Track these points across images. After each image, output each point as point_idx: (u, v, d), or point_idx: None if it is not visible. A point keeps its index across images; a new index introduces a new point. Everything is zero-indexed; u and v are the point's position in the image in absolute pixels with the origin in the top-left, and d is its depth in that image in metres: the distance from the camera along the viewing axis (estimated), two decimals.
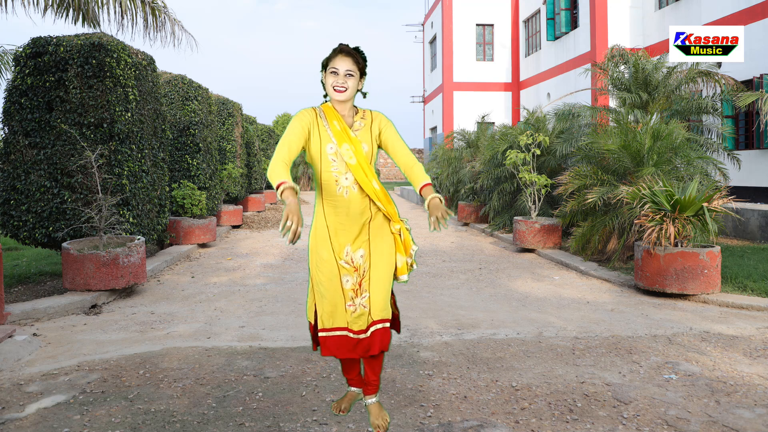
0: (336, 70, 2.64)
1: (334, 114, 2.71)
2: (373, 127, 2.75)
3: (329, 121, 2.70)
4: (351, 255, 2.69)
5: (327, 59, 2.68)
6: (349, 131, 2.69)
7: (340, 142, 2.67)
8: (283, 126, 38.30)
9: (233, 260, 8.53)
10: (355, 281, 2.68)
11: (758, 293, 5.87)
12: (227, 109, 12.82)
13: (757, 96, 8.41)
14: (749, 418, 3.11)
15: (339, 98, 2.66)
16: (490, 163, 11.67)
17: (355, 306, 2.67)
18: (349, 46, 2.69)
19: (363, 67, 2.71)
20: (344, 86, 2.64)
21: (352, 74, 2.65)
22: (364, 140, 2.71)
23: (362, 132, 2.73)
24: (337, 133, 2.68)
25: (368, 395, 2.83)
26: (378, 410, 2.81)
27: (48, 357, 4.14)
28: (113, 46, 6.52)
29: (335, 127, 2.69)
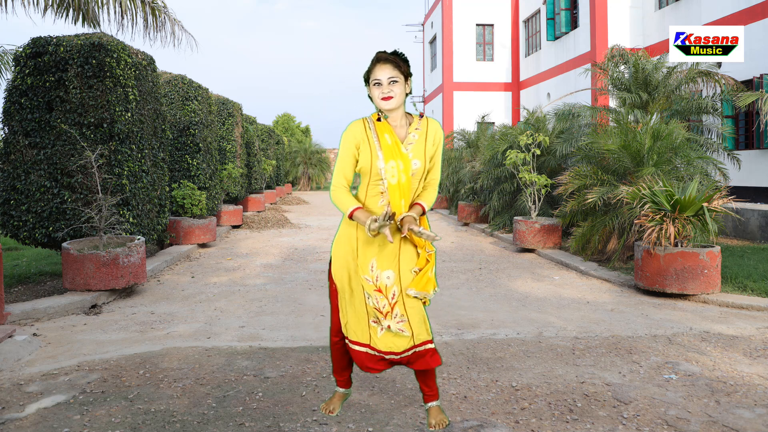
0: (379, 81, 2.55)
1: (385, 126, 2.61)
2: (428, 140, 2.64)
3: (379, 135, 2.60)
4: (377, 273, 2.61)
5: (368, 72, 2.60)
6: (400, 146, 2.59)
7: (387, 158, 2.57)
8: (283, 126, 38.30)
9: (233, 260, 8.53)
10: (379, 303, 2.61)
11: (758, 293, 5.87)
12: (227, 109, 12.81)
13: (757, 96, 8.41)
14: (749, 418, 3.12)
15: (388, 107, 2.56)
16: (490, 163, 11.67)
17: (382, 326, 2.62)
18: (386, 53, 2.59)
19: (406, 70, 2.60)
20: (391, 94, 2.54)
21: (396, 80, 2.55)
22: (416, 155, 2.61)
23: (416, 146, 2.62)
24: (386, 147, 2.58)
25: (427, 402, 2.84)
26: (437, 412, 2.82)
27: (48, 357, 4.14)
28: (113, 46, 6.52)
29: (385, 141, 2.59)
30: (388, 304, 2.60)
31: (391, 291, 2.60)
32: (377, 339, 2.64)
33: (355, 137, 2.60)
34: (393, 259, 2.61)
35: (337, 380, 2.98)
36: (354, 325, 2.69)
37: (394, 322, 2.61)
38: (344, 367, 2.92)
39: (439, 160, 2.70)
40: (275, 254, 9.11)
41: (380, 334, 2.64)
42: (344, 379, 2.96)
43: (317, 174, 31.00)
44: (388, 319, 2.61)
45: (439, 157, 2.68)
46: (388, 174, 2.58)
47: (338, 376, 2.96)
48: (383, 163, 2.56)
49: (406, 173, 2.58)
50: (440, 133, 2.68)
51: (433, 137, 2.65)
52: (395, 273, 2.60)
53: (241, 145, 13.87)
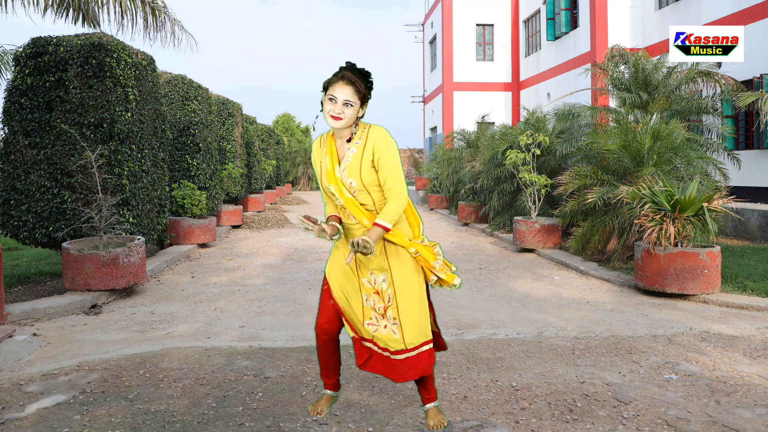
0: (334, 98, 2.49)
1: (330, 146, 2.63)
2: (365, 153, 2.54)
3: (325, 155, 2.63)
4: (374, 276, 2.67)
5: (328, 82, 2.54)
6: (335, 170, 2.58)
7: (329, 181, 2.60)
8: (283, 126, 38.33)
9: (233, 260, 8.53)
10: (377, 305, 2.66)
11: (758, 293, 5.86)
12: (227, 109, 12.81)
13: (757, 96, 8.41)
14: (749, 418, 3.11)
15: (334, 125, 2.53)
16: (490, 163, 11.66)
17: (377, 326, 2.67)
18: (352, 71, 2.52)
19: (365, 95, 2.54)
20: (340, 116, 2.50)
21: (351, 104, 2.49)
22: (351, 174, 2.56)
23: (352, 163, 2.56)
24: (327, 171, 2.61)
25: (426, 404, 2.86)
26: (435, 413, 2.83)
27: (48, 357, 4.14)
28: (113, 46, 6.52)
29: (326, 165, 2.62)
30: (383, 306, 2.66)
31: (386, 294, 2.65)
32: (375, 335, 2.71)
33: (315, 159, 2.69)
34: (384, 264, 2.65)
35: (326, 383, 2.98)
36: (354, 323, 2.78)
37: (390, 323, 2.66)
38: (332, 369, 2.93)
39: (390, 167, 2.52)
40: (275, 254, 9.10)
41: (374, 334, 2.71)
42: (333, 382, 2.97)
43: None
44: (384, 320, 2.67)
45: (389, 164, 2.51)
46: (336, 195, 2.61)
47: (326, 379, 2.96)
48: (327, 185, 2.62)
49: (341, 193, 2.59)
50: (381, 139, 2.53)
51: (372, 147, 2.53)
52: (388, 276, 2.64)
53: (241, 145, 13.87)
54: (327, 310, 2.79)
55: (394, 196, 2.53)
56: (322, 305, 2.82)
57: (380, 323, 2.66)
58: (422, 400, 2.85)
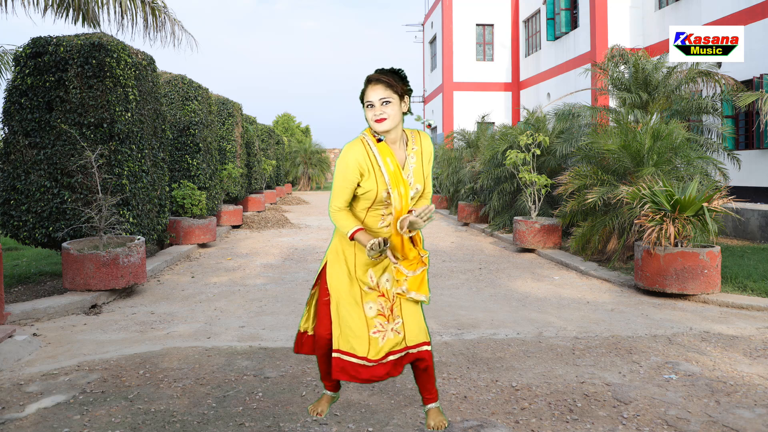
0: (371, 103, 2.46)
1: (386, 150, 2.52)
2: (424, 159, 2.59)
3: (383, 159, 2.51)
4: (376, 280, 2.63)
5: (361, 93, 2.50)
6: (401, 173, 2.53)
7: (393, 186, 2.52)
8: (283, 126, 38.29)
9: (233, 260, 8.53)
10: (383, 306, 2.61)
11: (758, 293, 5.86)
12: (227, 109, 12.81)
13: (757, 96, 8.41)
14: (749, 418, 3.12)
15: (382, 128, 2.46)
16: (490, 163, 11.66)
17: (385, 331, 2.61)
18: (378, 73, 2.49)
19: (402, 88, 2.49)
20: (383, 115, 2.45)
21: (389, 101, 2.45)
22: (417, 180, 2.56)
23: (416, 169, 2.57)
24: (391, 174, 2.51)
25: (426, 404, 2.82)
26: (436, 414, 2.80)
27: (48, 357, 4.14)
28: (113, 46, 6.52)
29: (389, 167, 2.51)
30: (390, 305, 2.63)
31: (391, 293, 2.65)
32: (378, 348, 2.59)
33: (359, 164, 2.49)
34: (388, 264, 2.65)
35: (326, 385, 2.97)
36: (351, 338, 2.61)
37: (394, 324, 2.63)
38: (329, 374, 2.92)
39: (431, 177, 2.68)
40: (275, 254, 9.10)
41: (382, 343, 2.61)
42: (333, 384, 2.96)
43: (317, 174, 31.00)
44: (391, 322, 2.63)
45: (431, 174, 2.67)
46: (395, 201, 2.53)
47: (327, 381, 2.95)
48: (391, 190, 2.51)
49: (406, 198, 2.55)
50: (431, 147, 2.64)
51: (429, 155, 2.61)
52: (392, 275, 2.64)
53: (241, 145, 13.87)
54: (326, 319, 2.70)
55: (428, 197, 2.69)
56: (322, 314, 2.71)
57: (387, 327, 2.62)
58: (423, 400, 2.85)
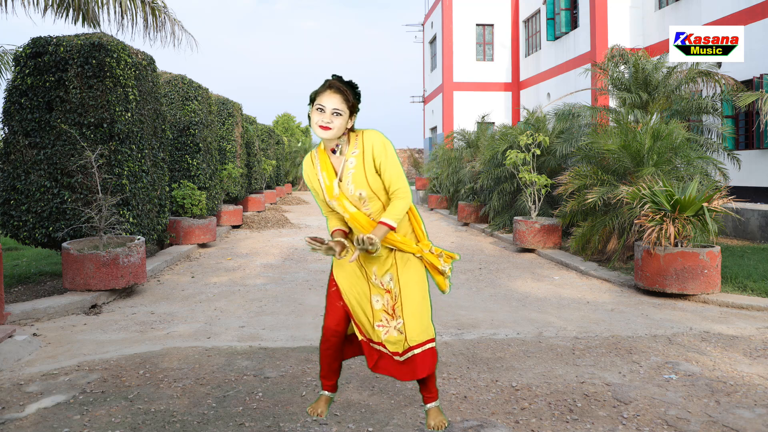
0: (323, 108, 2.45)
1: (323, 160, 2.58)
2: (366, 159, 2.52)
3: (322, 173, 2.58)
4: (379, 279, 2.67)
5: (315, 93, 2.50)
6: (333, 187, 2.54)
7: (330, 197, 2.56)
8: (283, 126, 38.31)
9: (233, 260, 8.53)
10: (389, 304, 2.66)
11: (758, 293, 5.86)
12: (227, 109, 12.81)
13: (757, 96, 8.41)
14: (749, 418, 3.11)
15: (324, 136, 2.48)
16: (490, 163, 11.67)
17: (388, 327, 2.65)
18: (340, 82, 2.50)
19: (354, 104, 2.51)
20: (329, 125, 2.45)
21: (340, 113, 2.45)
22: (358, 185, 2.53)
23: (356, 174, 2.53)
24: (326, 187, 2.57)
25: (427, 403, 2.84)
26: (436, 413, 2.82)
27: (48, 357, 4.14)
28: (113, 46, 6.52)
29: (325, 181, 2.56)
30: (393, 305, 2.66)
31: (393, 292, 2.66)
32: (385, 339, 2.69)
33: (309, 180, 2.65)
34: (391, 264, 2.66)
35: (324, 384, 2.97)
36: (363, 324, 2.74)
37: (396, 323, 2.67)
38: (335, 371, 2.92)
39: (393, 169, 2.52)
40: (275, 254, 9.10)
41: (384, 337, 2.68)
42: (332, 384, 2.96)
43: None
44: (394, 320, 2.66)
45: (391, 167, 2.51)
46: (340, 209, 2.59)
47: (326, 381, 2.95)
48: (334, 203, 2.59)
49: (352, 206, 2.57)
50: (379, 142, 2.52)
51: (371, 152, 2.51)
52: (394, 275, 2.66)
53: (241, 145, 13.87)
54: (335, 311, 2.76)
55: (401, 197, 2.55)
56: (330, 307, 2.78)
57: (391, 324, 2.66)
58: (423, 399, 2.85)
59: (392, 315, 2.66)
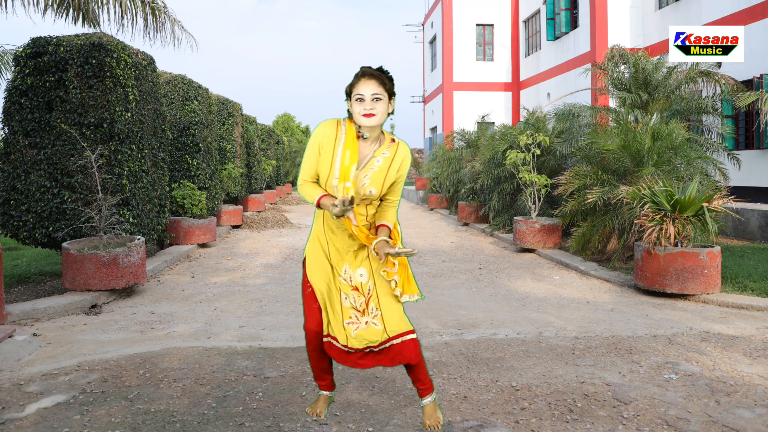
0: (362, 97, 2.44)
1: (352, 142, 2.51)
2: (392, 167, 2.53)
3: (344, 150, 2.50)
4: (350, 273, 2.64)
5: (350, 86, 2.49)
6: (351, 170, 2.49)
7: (340, 180, 2.50)
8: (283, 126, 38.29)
9: (233, 260, 8.53)
10: (357, 301, 2.63)
11: (758, 293, 5.86)
12: (227, 109, 12.81)
13: (757, 96, 8.41)
14: (749, 418, 3.12)
15: (369, 124, 2.45)
16: (490, 163, 11.67)
17: (359, 324, 2.64)
18: (371, 68, 2.50)
19: (390, 88, 2.51)
20: (373, 111, 2.44)
21: (379, 98, 2.45)
22: (374, 183, 2.52)
23: (377, 173, 2.52)
24: (343, 167, 2.50)
25: (423, 397, 2.84)
26: (432, 411, 2.81)
27: (48, 357, 4.14)
28: (113, 46, 6.52)
29: (344, 161, 2.49)
30: (364, 301, 2.64)
31: (366, 287, 2.65)
32: (352, 338, 2.65)
33: (321, 142, 2.53)
34: (364, 258, 2.65)
35: (320, 385, 2.97)
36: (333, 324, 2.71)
37: (370, 317, 2.64)
38: (325, 369, 2.92)
39: (401, 184, 2.63)
40: (275, 254, 9.10)
41: (354, 333, 2.65)
42: (327, 383, 2.96)
43: None
44: (366, 315, 2.64)
45: (401, 182, 2.62)
46: (339, 193, 2.52)
47: (320, 381, 2.95)
48: (336, 182, 2.52)
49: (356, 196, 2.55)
50: (408, 161, 2.58)
51: (399, 165, 2.55)
52: (368, 270, 2.65)
53: (241, 145, 13.87)
54: (313, 312, 2.75)
55: (394, 206, 2.66)
56: (308, 308, 2.76)
57: (361, 320, 2.63)
58: (418, 393, 2.84)
59: (362, 312, 2.64)
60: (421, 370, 2.79)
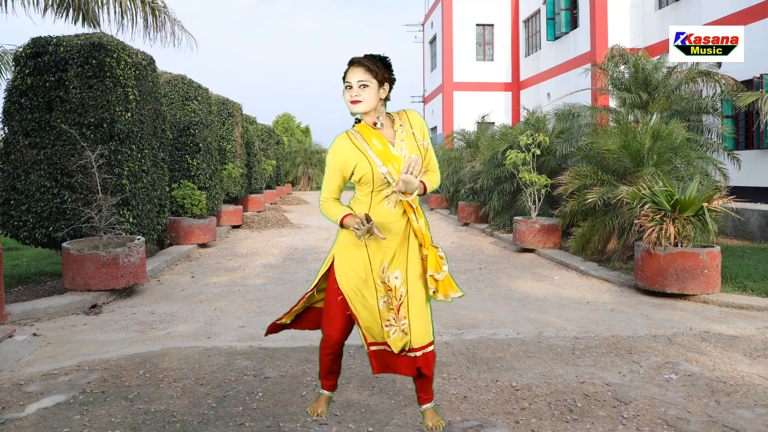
0: (349, 84, 2.53)
1: (370, 132, 2.59)
2: (415, 130, 2.63)
3: (368, 141, 2.56)
4: (387, 274, 2.63)
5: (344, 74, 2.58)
6: (390, 150, 2.56)
7: (385, 162, 2.55)
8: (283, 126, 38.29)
9: (233, 260, 8.53)
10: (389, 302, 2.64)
11: (758, 293, 5.86)
12: (227, 109, 12.81)
13: (757, 96, 8.41)
14: (749, 418, 3.11)
15: (355, 110, 2.55)
16: (490, 163, 11.67)
17: (396, 328, 2.63)
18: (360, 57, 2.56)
19: (382, 74, 2.55)
20: (358, 98, 2.52)
21: (366, 84, 2.52)
22: (412, 150, 2.60)
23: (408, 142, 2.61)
24: (379, 152, 2.55)
25: (422, 405, 2.85)
26: (432, 414, 2.83)
27: (48, 357, 4.14)
28: (113, 46, 6.52)
29: (376, 147, 2.56)
30: (398, 304, 2.64)
31: (399, 292, 2.63)
32: (391, 340, 2.65)
33: (345, 156, 2.57)
34: (402, 260, 2.65)
35: (323, 384, 2.97)
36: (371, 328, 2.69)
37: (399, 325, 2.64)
38: (334, 372, 2.93)
39: (432, 148, 2.71)
40: (275, 254, 9.10)
41: (393, 337, 2.65)
42: (332, 384, 2.96)
43: (317, 174, 31.01)
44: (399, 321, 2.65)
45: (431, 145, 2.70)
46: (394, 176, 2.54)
47: (325, 381, 2.95)
48: (384, 169, 2.54)
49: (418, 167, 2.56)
50: (419, 117, 2.69)
51: (419, 126, 2.66)
52: (403, 273, 2.64)
53: (241, 145, 13.87)
54: (338, 319, 2.72)
55: (434, 170, 2.71)
56: (334, 315, 2.72)
57: (398, 324, 2.63)
58: (419, 400, 2.85)
59: (397, 315, 2.64)
60: (429, 382, 2.79)
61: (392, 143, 2.60)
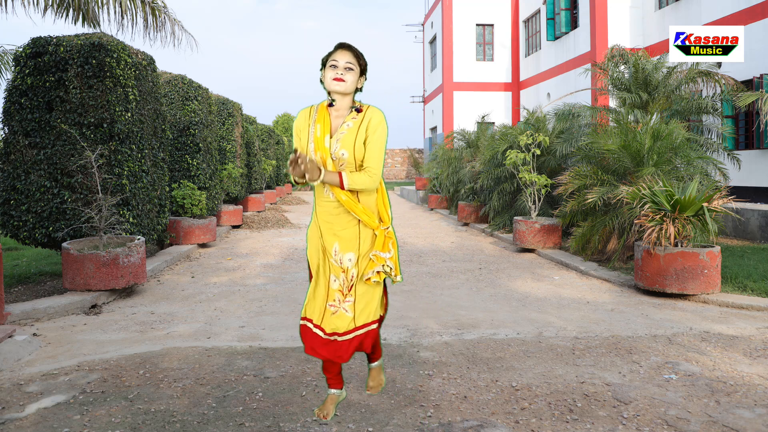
0: (335, 63, 2.61)
1: (322, 116, 2.66)
2: (361, 128, 2.62)
3: (315, 124, 2.66)
4: (339, 256, 2.67)
5: (327, 55, 2.66)
6: (324, 140, 2.61)
7: (315, 149, 2.62)
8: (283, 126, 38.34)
9: (233, 260, 8.53)
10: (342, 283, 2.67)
11: (758, 293, 5.86)
12: (227, 109, 12.81)
13: (757, 96, 8.41)
14: (749, 418, 3.12)
15: (338, 88, 2.59)
16: (490, 163, 11.67)
17: (338, 308, 2.67)
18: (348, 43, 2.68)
19: (363, 65, 2.67)
20: (343, 77, 2.59)
21: (351, 68, 2.61)
22: (344, 146, 2.61)
23: (347, 135, 2.62)
24: (315, 138, 2.64)
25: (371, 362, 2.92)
26: (377, 373, 2.92)
27: (48, 357, 4.14)
28: (113, 46, 6.52)
29: (316, 133, 2.64)
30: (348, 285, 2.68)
31: (350, 273, 2.67)
32: (327, 320, 2.67)
33: (299, 126, 2.69)
34: (354, 243, 2.67)
35: (328, 379, 2.96)
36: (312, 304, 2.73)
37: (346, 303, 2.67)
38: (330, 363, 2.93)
39: (375, 148, 2.60)
40: (275, 254, 9.10)
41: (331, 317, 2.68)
42: (334, 376, 2.95)
43: None
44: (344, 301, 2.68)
45: (374, 144, 2.60)
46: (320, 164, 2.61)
47: (328, 374, 2.94)
48: (314, 154, 2.62)
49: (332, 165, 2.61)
50: (377, 119, 2.62)
51: (368, 123, 2.62)
52: (355, 255, 2.67)
53: (241, 145, 13.87)
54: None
55: (368, 174, 2.62)
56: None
57: (342, 305, 2.68)
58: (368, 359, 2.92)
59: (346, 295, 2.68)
60: (376, 347, 2.85)
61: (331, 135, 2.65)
